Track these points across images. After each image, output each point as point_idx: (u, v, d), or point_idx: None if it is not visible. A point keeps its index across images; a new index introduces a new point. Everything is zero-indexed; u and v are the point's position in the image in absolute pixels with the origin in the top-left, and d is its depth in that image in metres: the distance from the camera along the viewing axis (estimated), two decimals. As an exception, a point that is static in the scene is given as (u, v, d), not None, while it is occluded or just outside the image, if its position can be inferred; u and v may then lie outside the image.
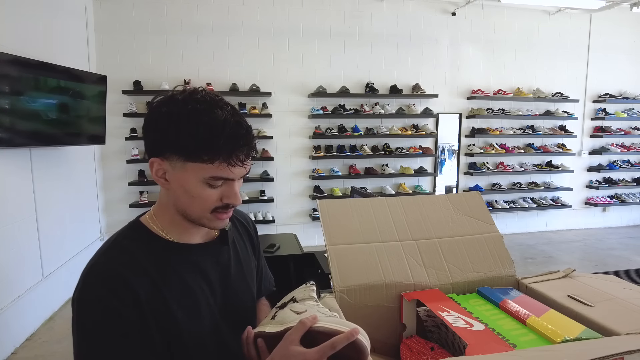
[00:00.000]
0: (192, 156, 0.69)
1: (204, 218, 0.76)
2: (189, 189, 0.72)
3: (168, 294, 0.72)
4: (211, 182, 0.72)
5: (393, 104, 5.05)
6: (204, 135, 0.68)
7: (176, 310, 0.73)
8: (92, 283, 0.69)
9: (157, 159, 0.73)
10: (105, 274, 0.70)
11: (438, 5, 5.10)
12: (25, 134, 2.80)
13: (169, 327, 0.72)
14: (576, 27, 5.57)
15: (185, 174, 0.71)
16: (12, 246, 2.71)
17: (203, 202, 0.73)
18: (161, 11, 4.41)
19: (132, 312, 0.68)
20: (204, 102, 0.69)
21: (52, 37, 3.34)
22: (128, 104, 4.37)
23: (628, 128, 5.82)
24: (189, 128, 0.68)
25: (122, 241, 0.75)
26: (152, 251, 0.75)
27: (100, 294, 0.67)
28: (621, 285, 1.01)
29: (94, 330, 0.67)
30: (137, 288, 0.69)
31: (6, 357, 2.59)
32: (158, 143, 0.72)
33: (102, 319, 0.67)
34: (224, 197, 0.74)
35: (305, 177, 4.97)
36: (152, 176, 0.75)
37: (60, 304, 3.33)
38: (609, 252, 4.79)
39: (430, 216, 1.14)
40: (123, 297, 0.68)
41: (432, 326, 0.99)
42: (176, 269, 0.76)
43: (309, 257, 2.37)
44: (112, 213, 4.50)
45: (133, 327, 0.68)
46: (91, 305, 0.68)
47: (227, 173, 0.71)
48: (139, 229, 0.78)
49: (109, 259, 0.72)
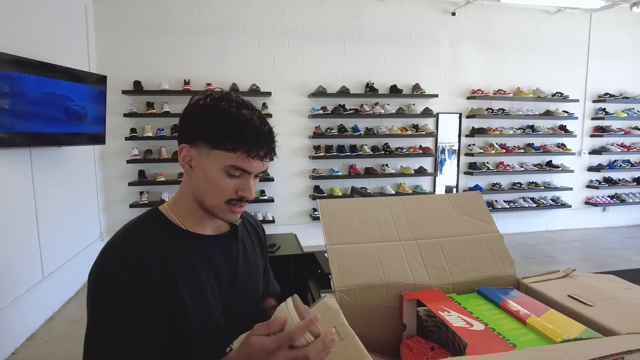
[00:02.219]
0: (218, 144, 0.76)
1: (217, 208, 0.81)
2: (210, 176, 0.78)
3: (178, 277, 0.77)
4: (230, 171, 0.77)
5: (393, 104, 5.05)
6: (231, 127, 0.75)
7: (184, 294, 0.77)
8: (109, 258, 0.74)
9: (186, 146, 0.80)
10: (122, 252, 0.75)
11: (438, 5, 5.10)
12: (25, 134, 2.80)
13: (176, 308, 0.76)
14: (576, 27, 5.57)
15: (209, 161, 0.78)
16: (12, 246, 2.72)
17: (220, 191, 0.79)
18: (161, 11, 4.41)
19: (143, 289, 0.73)
20: (236, 102, 0.78)
21: (52, 37, 3.34)
22: (128, 104, 4.37)
23: (628, 128, 5.82)
24: (220, 119, 0.76)
25: (141, 225, 0.81)
26: (166, 237, 0.80)
27: (116, 269, 0.73)
28: (621, 285, 1.01)
29: (106, 303, 0.72)
30: (151, 268, 0.74)
31: (6, 357, 2.59)
32: (190, 131, 0.79)
33: (115, 292, 0.72)
34: (239, 189, 0.80)
35: (305, 177, 4.97)
36: (179, 161, 0.82)
37: (60, 304, 3.33)
38: (609, 252, 4.79)
39: (431, 216, 1.14)
40: (137, 274, 0.73)
41: (432, 326, 0.99)
42: (187, 255, 0.81)
43: (309, 257, 2.36)
44: (112, 213, 4.50)
45: (143, 304, 0.72)
46: (106, 279, 0.73)
47: (246, 165, 0.77)
48: (157, 215, 0.84)
49: (127, 239, 0.78)
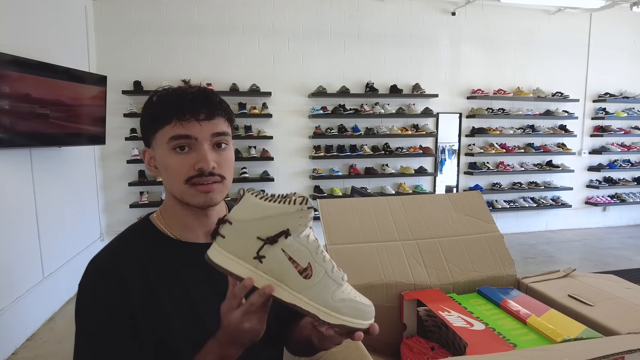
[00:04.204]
0: (155, 125, 0.74)
1: (184, 193, 0.74)
2: (163, 162, 0.75)
3: (163, 291, 0.74)
4: (174, 144, 0.72)
5: (393, 104, 5.05)
6: (157, 102, 0.74)
7: (168, 308, 0.73)
8: (91, 273, 0.74)
9: (146, 149, 0.79)
10: (104, 267, 0.74)
11: (438, 5, 5.10)
12: (25, 135, 2.80)
13: (160, 325, 0.72)
14: (576, 27, 5.57)
15: (158, 148, 0.75)
16: (13, 246, 2.71)
17: (174, 172, 0.73)
18: (161, 11, 4.41)
19: (121, 305, 0.71)
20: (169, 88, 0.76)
21: (52, 38, 3.34)
22: (128, 104, 4.37)
23: (628, 127, 5.82)
24: (149, 104, 0.76)
25: (128, 237, 0.79)
26: (154, 249, 0.77)
27: (95, 284, 0.72)
28: (621, 285, 1.01)
29: (85, 316, 0.72)
30: (130, 282, 0.72)
31: (6, 357, 2.59)
32: (143, 134, 0.79)
33: (91, 305, 0.71)
34: (195, 163, 0.73)
35: (306, 177, 4.97)
36: (146, 167, 0.80)
37: (60, 304, 3.33)
38: (609, 252, 4.79)
39: (431, 216, 1.14)
40: (115, 290, 0.71)
41: (433, 326, 0.99)
42: (175, 267, 0.76)
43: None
44: (113, 213, 4.50)
45: (121, 319, 0.71)
46: (86, 293, 0.73)
47: (182, 130, 0.71)
48: (147, 225, 0.81)
49: (111, 252, 0.76)
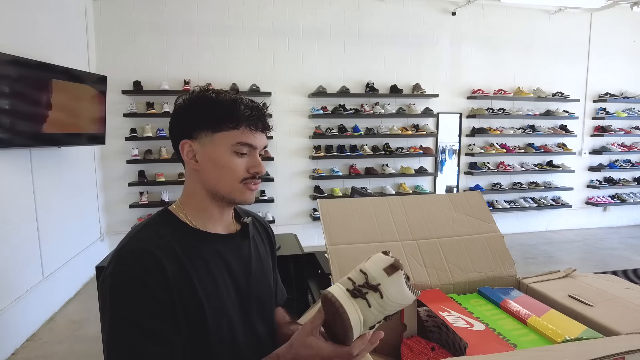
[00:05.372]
0: (219, 126, 0.78)
1: (235, 191, 0.81)
2: (219, 160, 0.79)
3: (194, 276, 0.76)
4: (238, 148, 0.79)
5: (393, 104, 5.05)
6: (227, 106, 0.78)
7: (200, 293, 0.76)
8: (125, 259, 0.73)
9: (187, 141, 0.80)
10: (139, 251, 0.74)
11: (438, 5, 5.10)
12: (25, 135, 2.80)
13: (192, 306, 0.75)
14: (576, 27, 5.56)
15: (215, 146, 0.79)
16: (13, 247, 2.71)
17: (233, 172, 0.80)
18: (161, 11, 4.41)
19: (162, 288, 0.72)
20: (219, 90, 0.82)
21: (52, 38, 3.34)
22: (128, 104, 4.36)
23: (629, 127, 5.82)
24: (214, 104, 0.79)
25: (153, 225, 0.81)
26: (179, 236, 0.79)
27: (133, 269, 0.72)
28: (622, 285, 1.00)
29: (126, 303, 0.71)
30: (167, 267, 0.73)
31: (7, 357, 2.59)
32: (187, 126, 0.80)
33: (135, 293, 0.71)
34: (250, 167, 0.81)
35: (306, 177, 4.97)
36: (183, 158, 0.82)
37: (60, 304, 3.33)
38: (610, 252, 4.78)
39: (431, 216, 1.14)
40: (155, 273, 0.72)
41: (433, 326, 0.98)
42: (202, 254, 0.80)
43: (310, 257, 2.37)
44: (112, 213, 4.50)
45: (162, 303, 0.72)
46: (124, 279, 0.71)
47: (250, 139, 0.79)
48: (168, 216, 0.83)
49: (141, 239, 0.77)
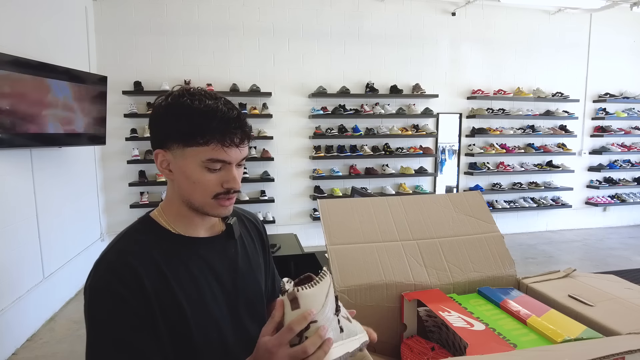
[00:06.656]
0: (189, 141, 0.74)
1: (206, 205, 0.78)
2: (190, 175, 0.76)
3: (174, 283, 0.75)
4: (209, 165, 0.75)
5: (393, 104, 5.05)
6: (197, 120, 0.73)
7: (182, 299, 0.75)
8: (103, 272, 0.73)
9: (160, 151, 0.78)
10: (116, 263, 0.73)
11: (438, 5, 5.10)
12: (25, 135, 2.80)
13: (175, 317, 0.74)
14: (576, 27, 5.56)
15: (185, 161, 0.75)
16: (13, 247, 2.72)
17: (204, 188, 0.77)
18: (161, 11, 4.41)
19: (139, 300, 0.71)
20: (198, 94, 0.76)
21: (52, 38, 3.34)
22: (128, 105, 4.37)
23: (628, 127, 5.82)
24: (184, 115, 0.74)
25: (133, 234, 0.80)
26: (160, 243, 0.78)
27: (110, 283, 0.71)
28: (622, 285, 1.01)
29: (103, 317, 0.70)
30: (145, 278, 0.72)
31: (7, 357, 2.59)
32: (160, 135, 0.78)
33: (111, 306, 0.70)
34: (224, 182, 0.77)
35: (306, 177, 4.97)
36: (157, 168, 0.80)
37: (61, 305, 3.33)
38: (610, 252, 4.79)
39: (431, 216, 1.14)
40: (131, 286, 0.71)
41: (433, 326, 0.99)
42: (182, 259, 0.79)
43: (310, 257, 2.37)
44: (113, 214, 4.50)
45: (140, 316, 0.71)
46: (101, 293, 0.71)
47: (222, 155, 0.75)
48: (149, 223, 0.82)
49: (120, 249, 0.76)
